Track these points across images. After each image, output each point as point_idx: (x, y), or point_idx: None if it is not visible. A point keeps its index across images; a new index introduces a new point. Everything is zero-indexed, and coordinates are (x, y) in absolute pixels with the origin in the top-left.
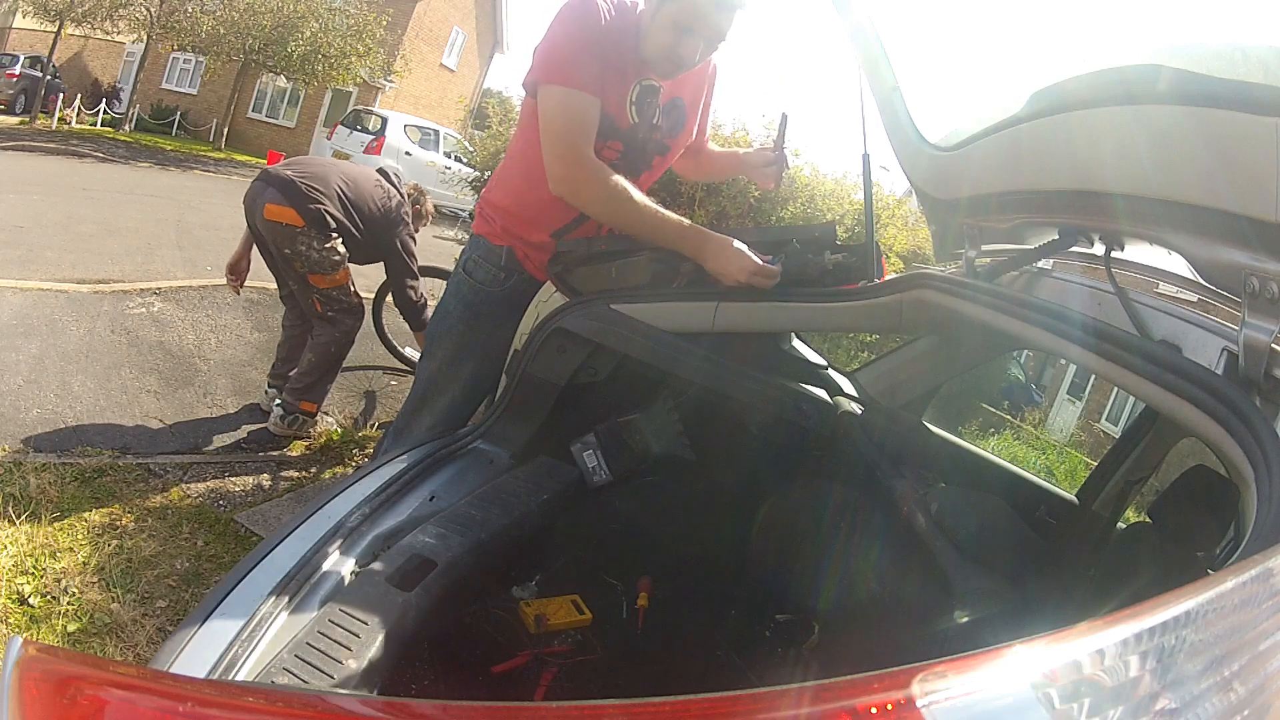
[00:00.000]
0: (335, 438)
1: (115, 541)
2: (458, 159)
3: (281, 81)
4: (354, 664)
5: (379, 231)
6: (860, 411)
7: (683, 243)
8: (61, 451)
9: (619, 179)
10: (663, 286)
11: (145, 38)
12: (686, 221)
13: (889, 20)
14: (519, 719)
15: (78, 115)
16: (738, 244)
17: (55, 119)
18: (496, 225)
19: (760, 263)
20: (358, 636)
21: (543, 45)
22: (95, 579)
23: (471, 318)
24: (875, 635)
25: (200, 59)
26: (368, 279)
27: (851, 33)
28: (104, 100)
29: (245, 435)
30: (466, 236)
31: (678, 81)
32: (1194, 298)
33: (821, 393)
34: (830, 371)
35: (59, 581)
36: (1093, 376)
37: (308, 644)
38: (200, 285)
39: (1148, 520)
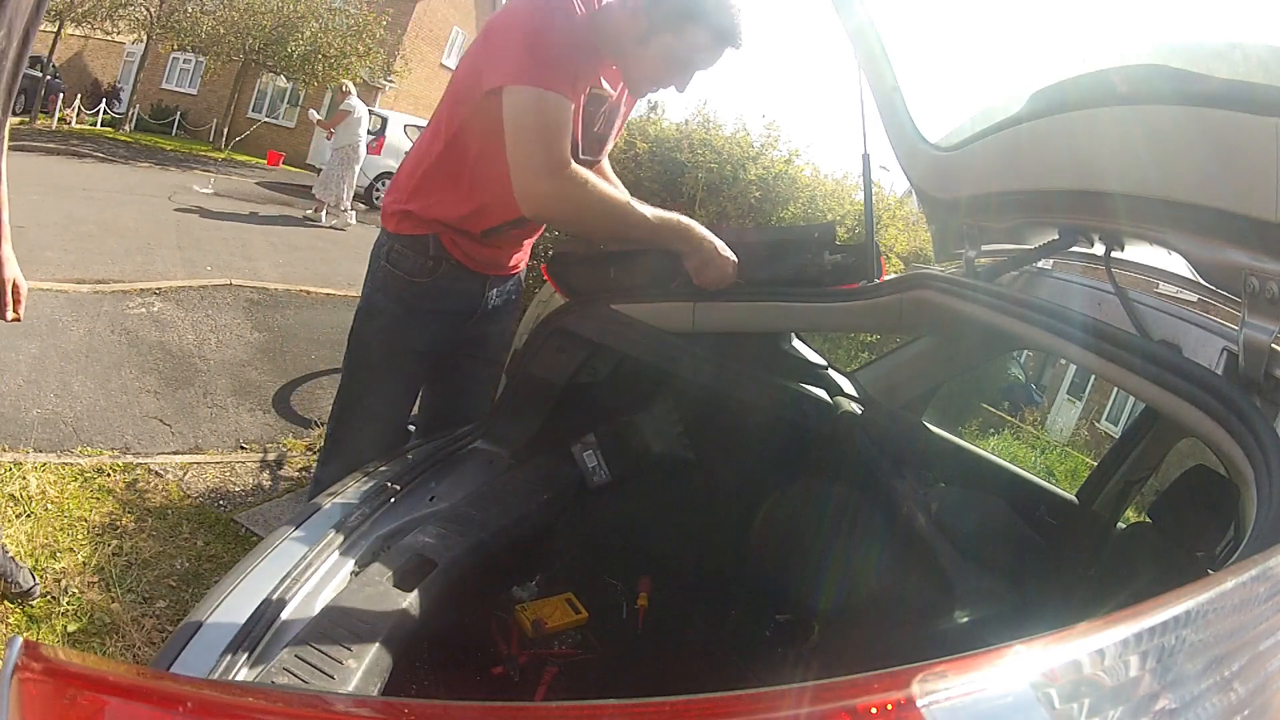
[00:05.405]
0: None
1: (115, 541)
2: None
3: (281, 81)
4: (354, 664)
5: None
6: (860, 411)
7: (675, 240)
8: (61, 451)
9: (603, 184)
10: (662, 286)
11: (145, 38)
12: (681, 219)
13: (889, 20)
14: (519, 719)
15: (78, 115)
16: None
17: (55, 119)
18: (415, 217)
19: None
20: (358, 636)
21: (508, 38)
22: (95, 579)
23: (405, 313)
24: (875, 635)
25: (200, 59)
26: None
27: (851, 33)
28: (104, 100)
29: (245, 435)
30: None
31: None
32: (1194, 298)
33: (821, 393)
34: (830, 371)
35: (59, 581)
36: (1093, 376)
37: (308, 644)
38: (200, 285)
39: (1148, 520)
